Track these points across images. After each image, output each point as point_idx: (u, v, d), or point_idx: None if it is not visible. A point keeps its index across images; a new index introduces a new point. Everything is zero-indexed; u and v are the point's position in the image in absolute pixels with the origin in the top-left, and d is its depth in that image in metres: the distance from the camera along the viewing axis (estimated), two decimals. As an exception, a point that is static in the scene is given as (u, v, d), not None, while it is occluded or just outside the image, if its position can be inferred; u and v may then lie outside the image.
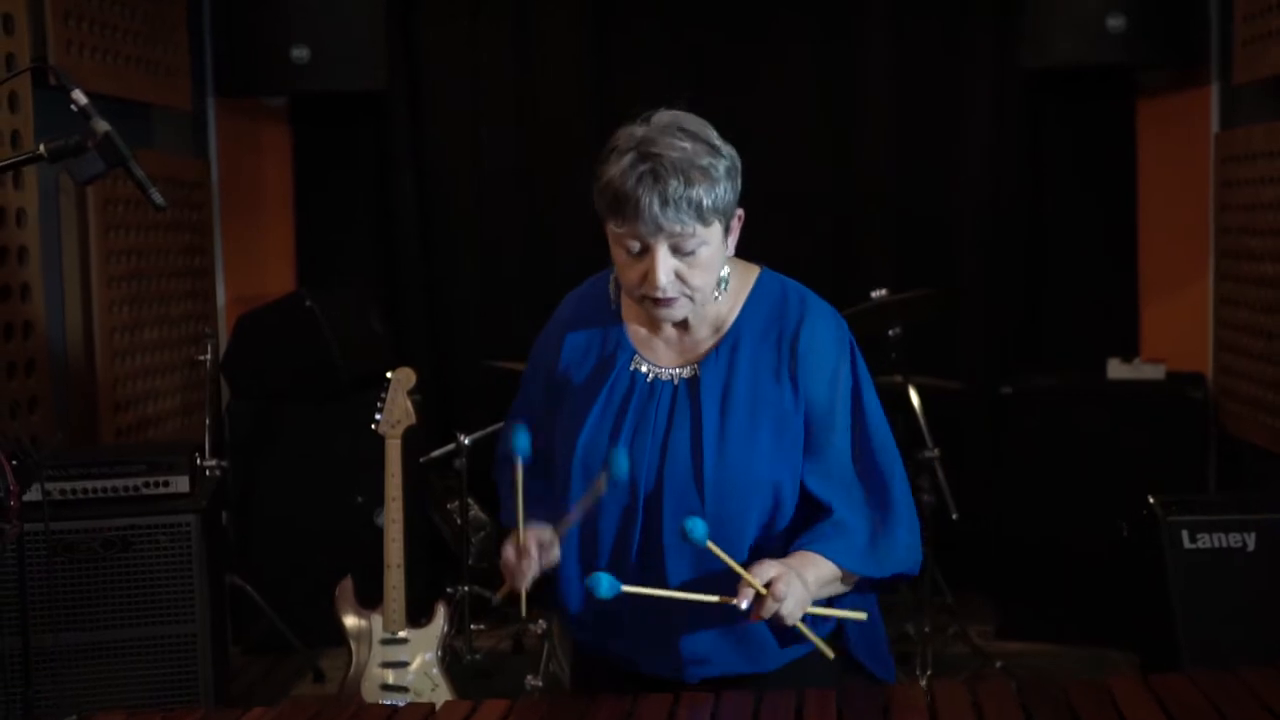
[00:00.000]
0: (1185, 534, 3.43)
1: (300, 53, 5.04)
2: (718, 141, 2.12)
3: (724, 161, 2.08)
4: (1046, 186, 5.32)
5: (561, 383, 2.29)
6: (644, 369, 2.24)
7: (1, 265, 3.75)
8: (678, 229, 2.04)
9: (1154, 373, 4.90)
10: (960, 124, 5.30)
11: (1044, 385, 4.94)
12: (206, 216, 5.21)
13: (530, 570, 2.18)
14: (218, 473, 4.44)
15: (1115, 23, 4.80)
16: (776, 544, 2.19)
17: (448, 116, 5.50)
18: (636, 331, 2.26)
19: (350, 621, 3.96)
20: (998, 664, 4.53)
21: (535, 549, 2.18)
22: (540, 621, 4.49)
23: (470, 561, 4.80)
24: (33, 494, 3.37)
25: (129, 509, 3.43)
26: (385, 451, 4.04)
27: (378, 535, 4.08)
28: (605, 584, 2.07)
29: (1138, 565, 3.65)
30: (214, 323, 5.28)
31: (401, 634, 3.94)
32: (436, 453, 4.66)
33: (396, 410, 4.08)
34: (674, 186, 2.01)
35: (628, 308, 2.28)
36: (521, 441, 2.19)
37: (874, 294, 4.45)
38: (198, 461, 3.53)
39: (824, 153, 5.38)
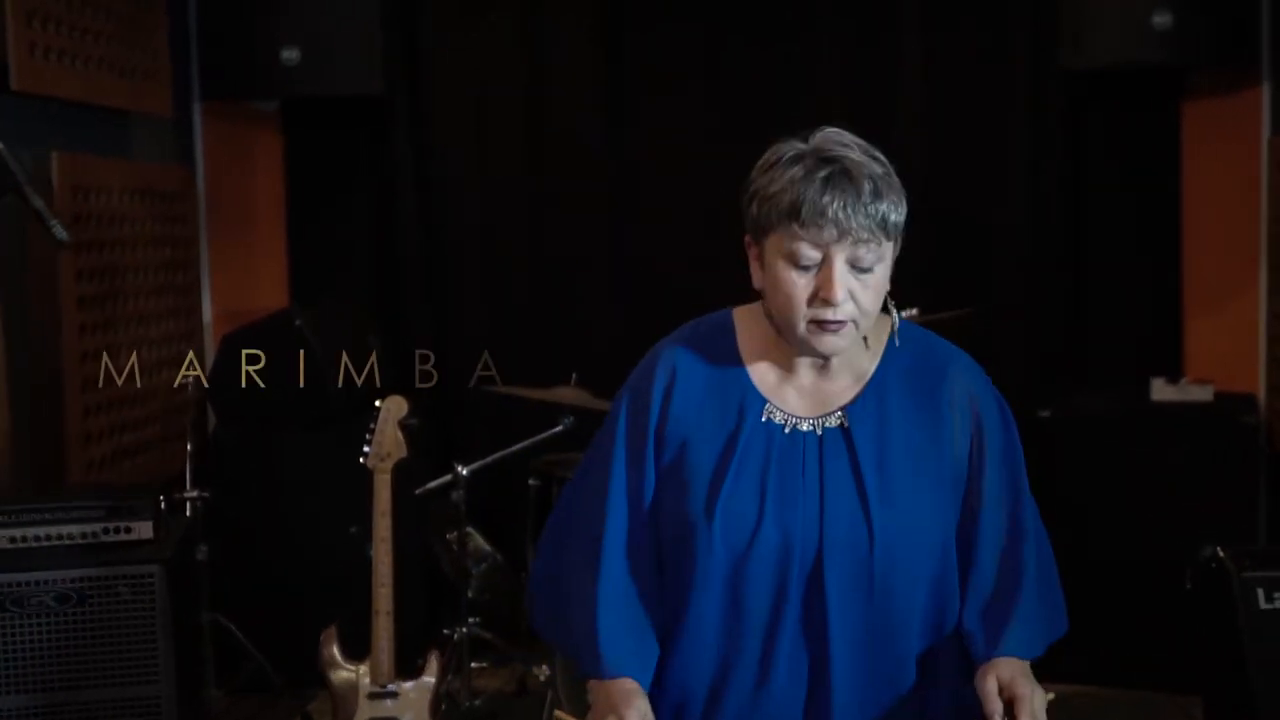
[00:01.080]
0: (1261, 593, 3.12)
1: (290, 54, 4.76)
2: (886, 161, 1.96)
3: (897, 180, 1.94)
4: (1087, 195, 4.99)
5: (673, 446, 2.01)
6: (779, 418, 1.99)
7: (-46, 289, 3.46)
8: (865, 236, 1.87)
9: (1201, 394, 4.61)
10: (995, 130, 4.95)
11: (1084, 408, 4.67)
12: (191, 230, 4.90)
13: None
14: (199, 504, 4.17)
15: (1161, 20, 4.48)
16: (944, 618, 1.99)
17: (451, 124, 5.16)
18: (764, 377, 2.02)
19: (334, 674, 3.66)
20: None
21: None
22: (544, 666, 4.18)
23: (471, 595, 4.50)
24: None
25: (86, 558, 3.12)
26: (374, 487, 3.75)
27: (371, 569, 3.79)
28: None
29: (1204, 618, 3.34)
30: (200, 343, 4.98)
31: (391, 687, 3.64)
32: (433, 484, 4.35)
33: (387, 442, 3.79)
34: (866, 191, 1.87)
35: (749, 351, 2.03)
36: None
37: (903, 314, 4.12)
38: (163, 503, 3.21)
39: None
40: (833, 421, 1.98)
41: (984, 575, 1.99)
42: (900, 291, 4.85)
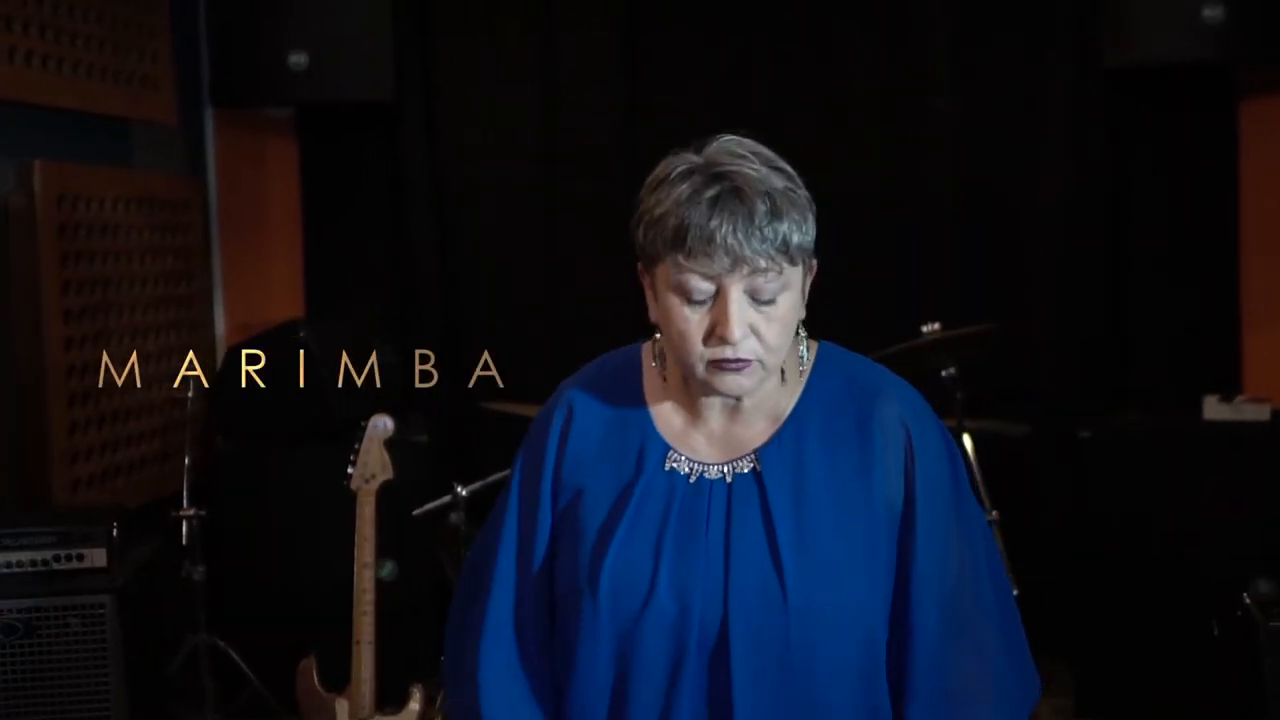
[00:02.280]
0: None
1: (298, 59, 4.62)
2: (791, 170, 1.67)
3: (803, 192, 1.68)
4: (1132, 201, 4.70)
5: (568, 493, 1.79)
6: (683, 467, 1.75)
7: (-83, 303, 3.33)
8: (761, 264, 1.62)
9: (1257, 413, 4.31)
10: (1033, 132, 4.69)
11: (1129, 428, 4.38)
12: (196, 239, 4.76)
13: None
14: (195, 523, 4.04)
15: (1212, 13, 4.21)
16: (876, 700, 1.71)
17: (462, 128, 4.99)
18: (669, 421, 1.78)
19: (312, 706, 3.49)
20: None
21: None
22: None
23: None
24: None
25: (35, 587, 2.97)
26: (358, 510, 3.58)
27: (379, 590, 3.63)
28: None
29: (1230, 666, 3.06)
30: (210, 355, 4.85)
31: (372, 720, 3.47)
32: (431, 505, 4.17)
33: (372, 462, 3.63)
34: (760, 211, 1.61)
35: (654, 392, 1.78)
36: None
37: (925, 329, 3.88)
38: (115, 533, 3.06)
39: (880, 171, 4.78)
40: (744, 467, 1.74)
41: (927, 653, 1.72)
42: (930, 304, 4.63)
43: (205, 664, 4.22)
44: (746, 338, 1.65)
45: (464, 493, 4.06)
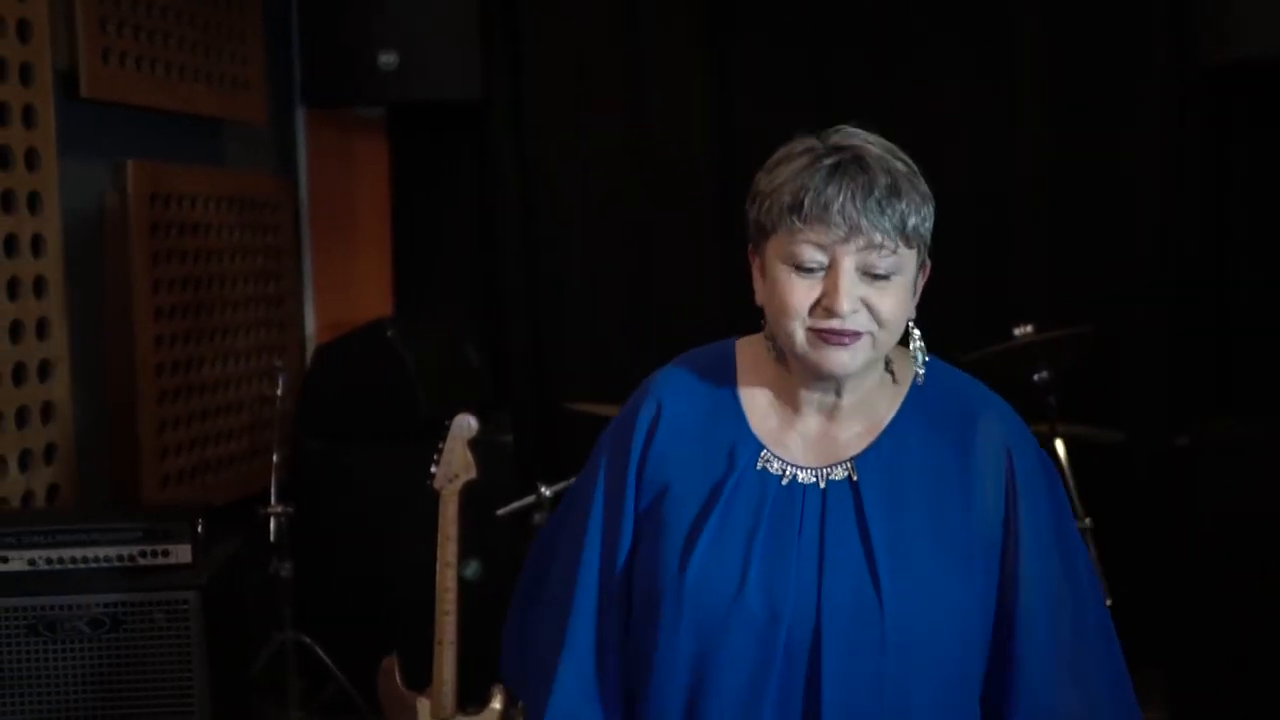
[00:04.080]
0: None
1: (388, 59, 4.63)
2: (913, 164, 1.67)
3: (924, 185, 1.66)
4: (1231, 200, 4.54)
5: (652, 490, 1.73)
6: (775, 467, 1.69)
7: (12, 299, 3.38)
8: (876, 238, 1.58)
9: (1364, 420, 4.15)
10: (1129, 131, 4.56)
11: (1230, 435, 4.21)
12: (286, 238, 4.81)
13: None
14: (283, 520, 4.07)
15: (1312, 7, 4.06)
16: (966, 715, 1.67)
17: (551, 129, 4.97)
18: (763, 419, 1.73)
19: (394, 706, 3.49)
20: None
21: None
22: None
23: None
24: (12, 564, 3.00)
25: (121, 583, 3.00)
26: (440, 510, 3.58)
27: (462, 589, 3.61)
28: None
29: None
30: (299, 354, 4.89)
31: (454, 721, 3.47)
32: (515, 505, 4.16)
33: (455, 462, 3.61)
34: (881, 184, 1.59)
35: (748, 388, 1.74)
36: None
37: (1017, 331, 3.80)
38: (200, 529, 3.08)
39: (970, 170, 4.67)
40: (839, 474, 1.68)
41: (1029, 686, 1.66)
42: (1020, 306, 4.52)
43: (291, 661, 4.25)
44: (856, 311, 1.60)
45: (548, 493, 4.04)
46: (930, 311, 1.76)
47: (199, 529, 3.07)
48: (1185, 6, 4.41)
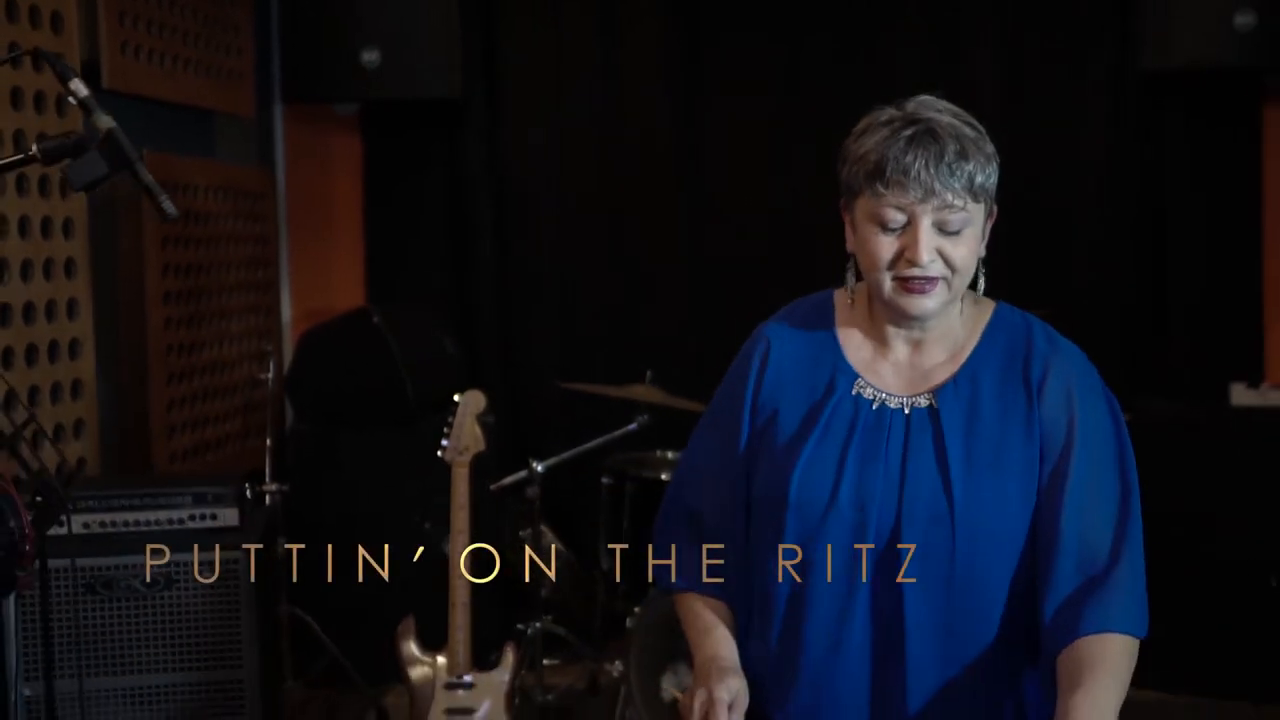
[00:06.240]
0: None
1: (371, 56, 4.80)
2: (981, 128, 1.95)
3: (990, 145, 1.93)
4: (1165, 199, 4.93)
5: (765, 413, 2.04)
6: (868, 394, 1.98)
7: (47, 279, 3.52)
8: (949, 197, 1.86)
9: (1283, 399, 4.50)
10: (1072, 132, 4.94)
11: (1161, 413, 4.54)
12: (270, 228, 4.97)
13: None
14: (278, 498, 4.22)
15: (1244, 20, 4.44)
16: (1023, 613, 1.93)
17: (526, 127, 5.22)
18: (858, 352, 2.03)
19: (412, 664, 3.69)
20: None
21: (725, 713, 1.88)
22: (617, 662, 4.19)
23: (544, 594, 4.53)
24: (63, 527, 3.15)
25: (173, 543, 3.17)
26: (452, 480, 3.78)
27: (446, 564, 3.81)
28: None
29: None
30: (278, 340, 5.05)
31: (467, 678, 3.66)
32: (508, 480, 4.38)
33: (465, 436, 3.81)
34: (951, 150, 1.87)
35: (847, 327, 2.03)
36: None
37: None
38: (248, 492, 3.26)
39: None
40: (922, 402, 1.97)
41: (1067, 565, 1.90)
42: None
43: (285, 633, 4.40)
44: (934, 261, 1.88)
45: (540, 468, 4.27)
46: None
47: (246, 493, 3.24)
48: (1129, 18, 4.75)
